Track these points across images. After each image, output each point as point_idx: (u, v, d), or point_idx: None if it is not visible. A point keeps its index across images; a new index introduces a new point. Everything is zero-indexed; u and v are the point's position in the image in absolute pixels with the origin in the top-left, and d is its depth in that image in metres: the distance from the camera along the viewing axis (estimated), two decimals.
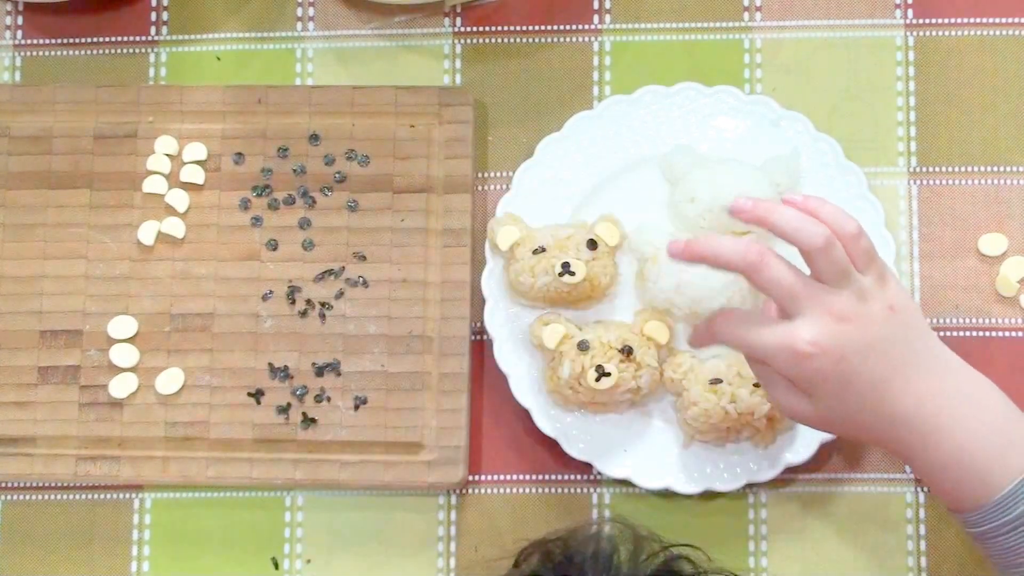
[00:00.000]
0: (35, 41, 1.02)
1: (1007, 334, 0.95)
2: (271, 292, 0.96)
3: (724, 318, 0.78)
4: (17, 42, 1.02)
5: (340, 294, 0.95)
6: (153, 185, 0.97)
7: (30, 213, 0.97)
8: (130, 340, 0.96)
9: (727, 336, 0.78)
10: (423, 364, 0.94)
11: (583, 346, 0.89)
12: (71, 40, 1.01)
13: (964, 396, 0.77)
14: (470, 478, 0.95)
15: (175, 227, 0.96)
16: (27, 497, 0.97)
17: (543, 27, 0.99)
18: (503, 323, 0.93)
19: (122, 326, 0.96)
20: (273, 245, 0.96)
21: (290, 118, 0.98)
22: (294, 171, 0.97)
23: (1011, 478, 0.75)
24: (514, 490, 0.95)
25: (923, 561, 0.93)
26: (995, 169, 0.96)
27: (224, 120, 0.98)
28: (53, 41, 1.01)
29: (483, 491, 0.95)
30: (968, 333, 0.95)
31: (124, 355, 0.95)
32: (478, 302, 0.94)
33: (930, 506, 0.94)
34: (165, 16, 1.01)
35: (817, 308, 0.75)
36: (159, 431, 0.95)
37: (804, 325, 0.75)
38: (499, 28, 0.99)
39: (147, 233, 0.96)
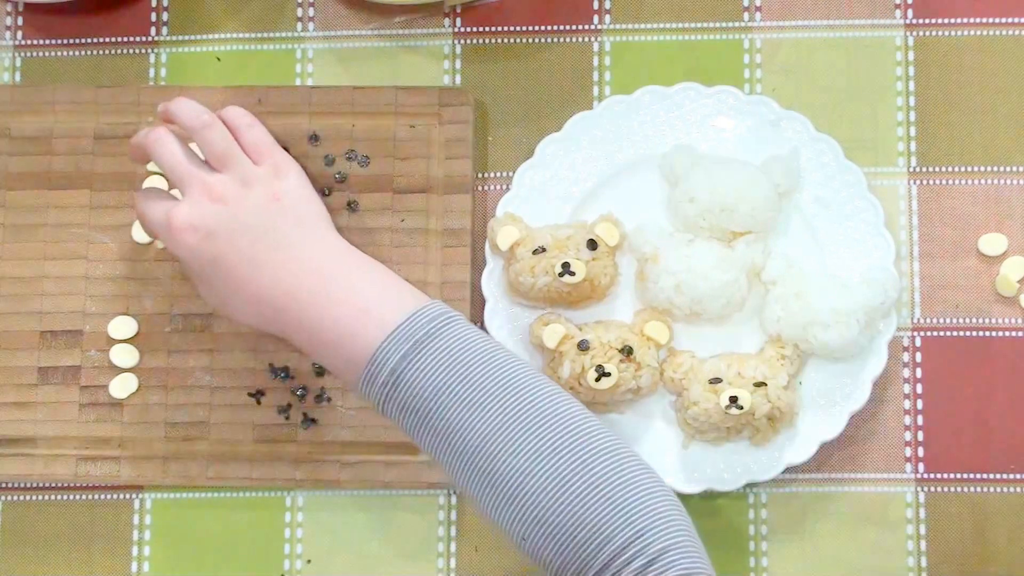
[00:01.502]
0: (35, 41, 1.02)
1: (1007, 334, 0.95)
2: None
3: (145, 192, 0.87)
4: (17, 42, 1.02)
5: None
6: (153, 185, 0.97)
7: (30, 213, 0.97)
8: (130, 340, 0.96)
9: (137, 206, 0.86)
10: None
11: (583, 346, 0.89)
12: (71, 41, 1.01)
13: (320, 272, 0.81)
14: None
15: None
16: (27, 498, 0.97)
17: (543, 27, 0.99)
18: (503, 323, 0.93)
19: (122, 326, 0.96)
20: None
21: (290, 118, 0.98)
22: None
23: (375, 342, 0.77)
24: None
25: (923, 561, 0.93)
26: (995, 169, 0.96)
27: None
28: (53, 42, 1.01)
29: None
30: (968, 333, 0.95)
31: (124, 355, 0.95)
32: (478, 302, 0.94)
33: (930, 506, 0.94)
34: (165, 16, 1.01)
35: (197, 188, 0.82)
36: (159, 431, 0.95)
37: (182, 203, 0.82)
38: (499, 28, 0.99)
39: (141, 231, 0.96)
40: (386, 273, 0.83)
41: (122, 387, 0.95)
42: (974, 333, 0.95)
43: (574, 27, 0.99)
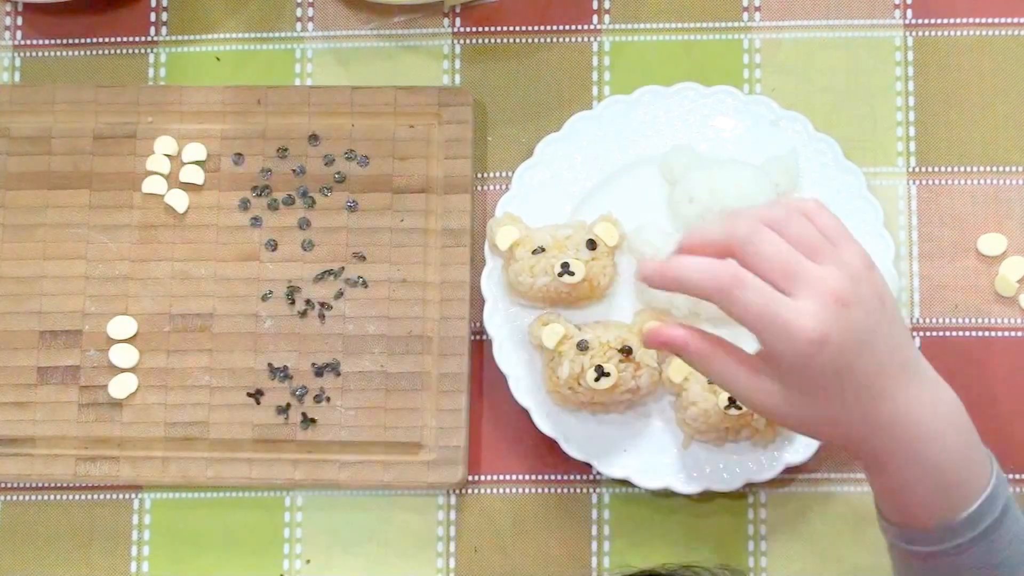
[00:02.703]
0: (35, 41, 1.02)
1: (1006, 334, 0.95)
2: (271, 292, 0.96)
3: (726, 272, 0.69)
4: (17, 42, 1.02)
5: (340, 294, 0.95)
6: (152, 185, 0.97)
7: (30, 213, 0.97)
8: (130, 340, 0.96)
9: (726, 297, 0.69)
10: (422, 364, 0.94)
11: (582, 346, 0.89)
12: (70, 40, 1.01)
13: (943, 409, 0.72)
14: (469, 478, 0.95)
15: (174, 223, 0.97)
16: (27, 498, 0.97)
17: (542, 27, 0.99)
18: (502, 323, 0.93)
19: (122, 326, 0.96)
20: (273, 245, 0.96)
21: (289, 118, 0.98)
22: (294, 171, 0.97)
23: (973, 499, 0.72)
24: (513, 490, 0.95)
25: None
26: (994, 169, 0.96)
27: (223, 120, 0.98)
28: (52, 41, 1.01)
29: (482, 491, 0.95)
30: (967, 333, 0.95)
31: (124, 355, 0.95)
32: (477, 302, 0.94)
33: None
34: (164, 16, 1.01)
35: (814, 286, 0.68)
36: (159, 431, 0.95)
37: (808, 305, 0.67)
38: (498, 28, 0.99)
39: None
40: (964, 420, 0.73)
41: (121, 387, 0.95)
42: (973, 333, 0.95)
43: (574, 27, 0.99)
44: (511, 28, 0.99)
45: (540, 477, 0.95)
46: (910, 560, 0.75)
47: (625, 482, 0.92)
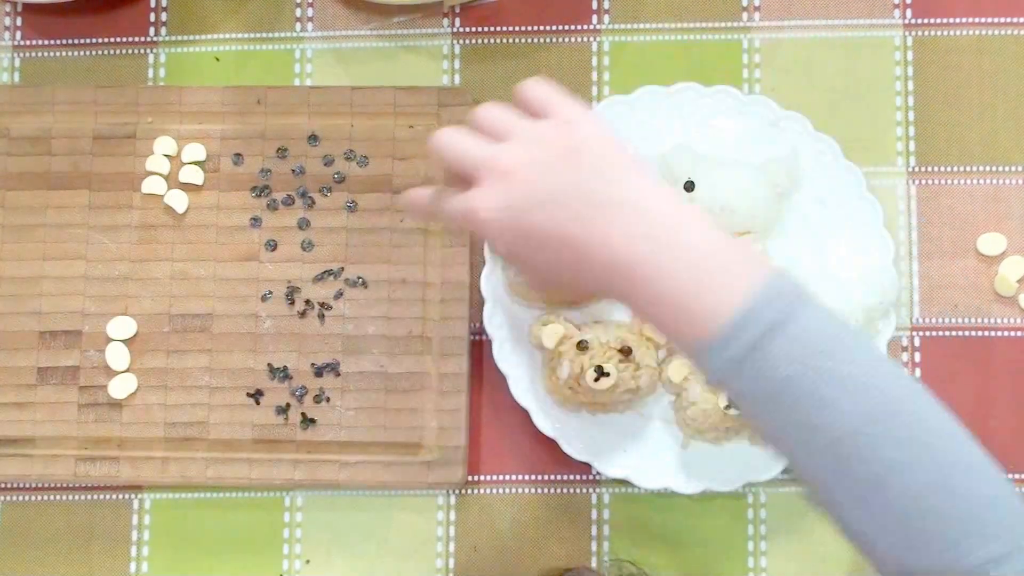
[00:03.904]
0: (34, 42, 1.02)
1: (1006, 334, 0.95)
2: (270, 293, 0.96)
3: (437, 191, 0.76)
4: (16, 43, 1.02)
5: (339, 294, 0.95)
6: (152, 186, 0.97)
7: (29, 214, 0.97)
8: (129, 341, 0.96)
9: (424, 210, 0.77)
10: (422, 364, 0.94)
11: (582, 346, 0.89)
12: (70, 41, 1.01)
13: (656, 236, 0.69)
14: (469, 478, 0.95)
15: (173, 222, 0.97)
16: (26, 498, 0.97)
17: (542, 27, 0.99)
18: (502, 323, 0.93)
19: (121, 327, 0.96)
20: (272, 246, 0.96)
21: (289, 119, 0.98)
22: (293, 172, 0.97)
23: (725, 315, 0.66)
24: (513, 490, 0.95)
25: None
26: (994, 169, 0.96)
27: (223, 121, 0.98)
28: (52, 42, 1.01)
29: (482, 491, 0.95)
30: (967, 333, 0.95)
31: (123, 356, 0.95)
32: (477, 302, 0.94)
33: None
34: (164, 17, 1.01)
35: (484, 172, 0.72)
36: (158, 432, 0.95)
37: (477, 193, 0.72)
38: (498, 28, 0.99)
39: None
40: (719, 227, 0.70)
41: (121, 387, 0.95)
42: (973, 333, 0.95)
43: (573, 27, 0.99)
44: (511, 28, 0.99)
45: (540, 477, 0.95)
46: (732, 397, 0.71)
47: (625, 482, 0.92)
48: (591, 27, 0.99)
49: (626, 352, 0.89)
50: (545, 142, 0.72)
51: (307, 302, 0.95)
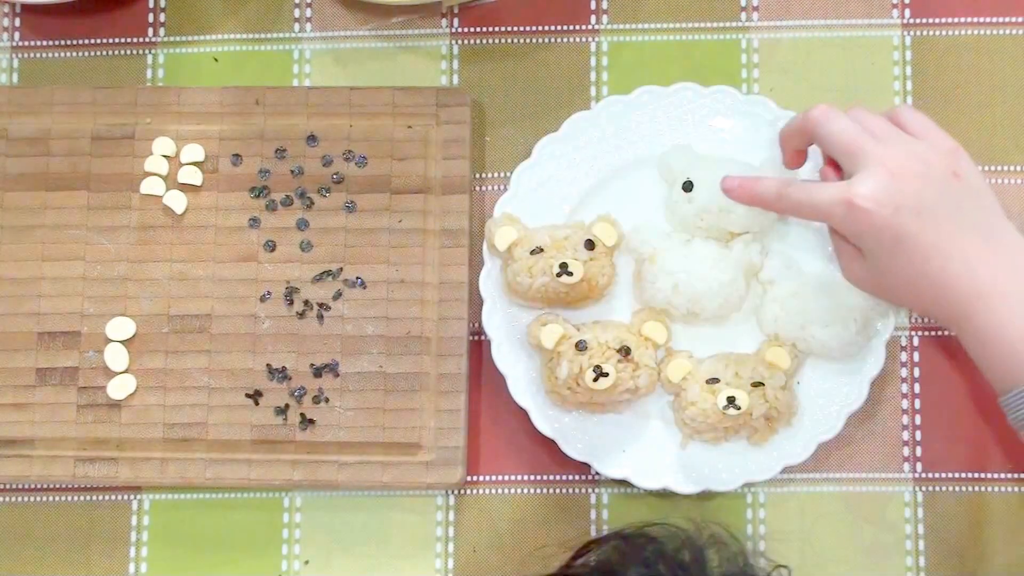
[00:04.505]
0: (33, 43, 1.02)
1: None
2: (269, 293, 0.96)
3: (779, 183, 0.81)
4: (15, 44, 1.02)
5: (338, 295, 0.95)
6: (151, 186, 0.97)
7: (28, 215, 0.97)
8: (128, 341, 0.96)
9: (782, 201, 0.80)
10: (421, 365, 0.94)
11: (581, 346, 0.89)
12: (69, 42, 1.01)
13: (1015, 269, 0.76)
14: (468, 478, 0.95)
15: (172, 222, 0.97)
16: (26, 499, 0.97)
17: (540, 28, 0.99)
18: (501, 323, 0.93)
19: (120, 328, 0.96)
20: (271, 246, 0.96)
21: (288, 119, 0.98)
22: (292, 172, 0.97)
23: None
24: (512, 490, 0.95)
25: (921, 561, 0.93)
26: (992, 168, 0.96)
27: (222, 121, 0.98)
28: (51, 43, 1.01)
29: (481, 491, 0.95)
30: None
31: (122, 357, 0.95)
32: (476, 303, 0.94)
33: (928, 505, 0.94)
34: (163, 17, 1.01)
35: (875, 163, 0.77)
36: (157, 432, 0.95)
37: (859, 180, 0.76)
38: (496, 29, 0.99)
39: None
40: None
41: (120, 388, 0.95)
42: None
43: (572, 27, 0.99)
44: (509, 28, 0.99)
45: (539, 477, 0.95)
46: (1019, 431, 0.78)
47: (624, 482, 0.92)
48: (590, 27, 0.99)
49: (625, 352, 0.89)
50: (928, 161, 0.78)
51: (306, 303, 0.95)
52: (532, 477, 0.95)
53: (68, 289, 0.96)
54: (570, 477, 0.95)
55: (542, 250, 0.90)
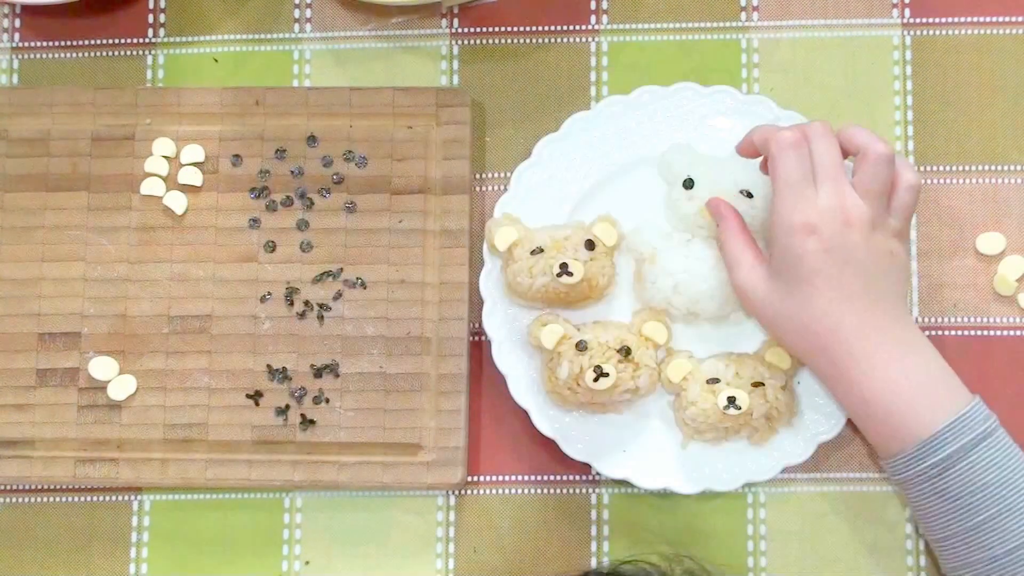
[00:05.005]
0: (33, 44, 1.02)
1: (1005, 333, 0.95)
2: (269, 294, 0.96)
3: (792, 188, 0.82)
4: (15, 45, 1.02)
5: (338, 295, 0.95)
6: (151, 187, 0.97)
7: (28, 215, 0.97)
8: (128, 342, 0.95)
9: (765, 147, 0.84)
10: (421, 365, 0.94)
11: (581, 346, 0.89)
12: (69, 42, 1.01)
13: (907, 344, 0.81)
14: (469, 479, 0.95)
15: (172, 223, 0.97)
16: (26, 500, 0.97)
17: (540, 28, 0.99)
18: (501, 324, 0.93)
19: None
20: (271, 247, 0.96)
21: (288, 119, 0.98)
22: (292, 173, 0.97)
23: (935, 425, 0.79)
24: (513, 491, 0.95)
25: (922, 561, 0.93)
26: (993, 168, 0.96)
27: (222, 122, 0.98)
28: (51, 43, 1.01)
29: (482, 492, 0.95)
30: (966, 332, 0.95)
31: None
32: (476, 303, 0.94)
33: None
34: (162, 18, 1.01)
35: (834, 198, 0.81)
36: (158, 433, 0.95)
37: (817, 202, 0.81)
38: (496, 29, 0.99)
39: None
40: (941, 358, 0.83)
41: (120, 389, 0.95)
42: (972, 332, 0.95)
43: (571, 27, 0.99)
44: (509, 29, 0.99)
45: (539, 478, 0.95)
46: (901, 488, 0.82)
47: (624, 482, 0.92)
48: (590, 27, 0.99)
49: (625, 352, 0.89)
50: (883, 230, 0.82)
51: (306, 303, 0.95)
52: (532, 477, 0.95)
53: (68, 290, 0.96)
54: (570, 477, 0.95)
55: (542, 250, 0.90)
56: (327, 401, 0.94)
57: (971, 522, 0.79)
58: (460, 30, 1.00)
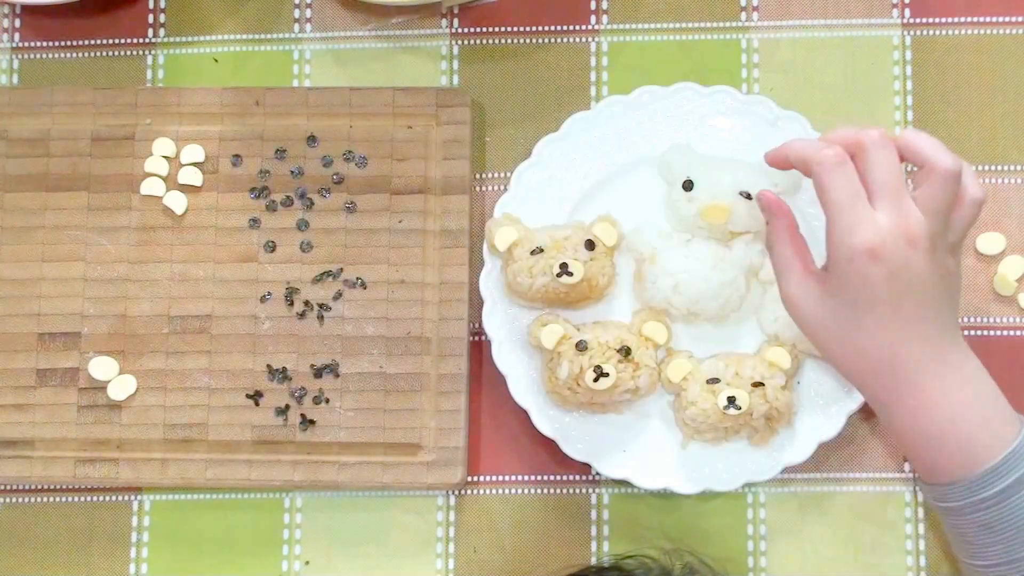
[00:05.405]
0: (33, 43, 1.02)
1: (1005, 333, 0.95)
2: (269, 294, 0.96)
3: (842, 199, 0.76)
4: (15, 45, 1.02)
5: (338, 295, 0.95)
6: (151, 187, 0.97)
7: (28, 216, 0.97)
8: (128, 342, 0.95)
9: (830, 182, 0.76)
10: (421, 365, 0.94)
11: (581, 346, 0.89)
12: (69, 42, 1.01)
13: (964, 371, 0.77)
14: (469, 479, 0.95)
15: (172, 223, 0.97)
16: (26, 500, 0.97)
17: (540, 28, 0.99)
18: (501, 324, 0.93)
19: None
20: (271, 247, 0.96)
21: (288, 120, 0.98)
22: (292, 173, 0.97)
23: (993, 456, 0.75)
24: (513, 491, 0.95)
25: (922, 561, 0.93)
26: (992, 168, 0.96)
27: (222, 122, 0.98)
28: (51, 43, 1.01)
29: (482, 492, 0.95)
30: (966, 332, 0.95)
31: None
32: (476, 303, 0.94)
33: (928, 505, 0.94)
34: (162, 18, 1.01)
35: (897, 216, 0.75)
36: (158, 433, 0.95)
37: (880, 222, 0.74)
38: (496, 29, 0.99)
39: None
40: (993, 383, 0.79)
41: (120, 389, 0.95)
42: (972, 332, 0.95)
43: (571, 27, 0.99)
44: (509, 28, 0.99)
45: (539, 478, 0.95)
46: (942, 517, 0.79)
47: (624, 482, 0.92)
48: (590, 27, 0.99)
49: (625, 352, 0.89)
50: (941, 249, 0.77)
51: (306, 303, 0.95)
52: (532, 477, 0.95)
53: (68, 290, 0.96)
54: (570, 477, 0.95)
55: (542, 250, 0.90)
56: (327, 401, 0.94)
57: (1014, 555, 0.76)
58: (460, 30, 1.00)
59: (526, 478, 0.95)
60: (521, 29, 0.99)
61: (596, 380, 0.88)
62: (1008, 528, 0.76)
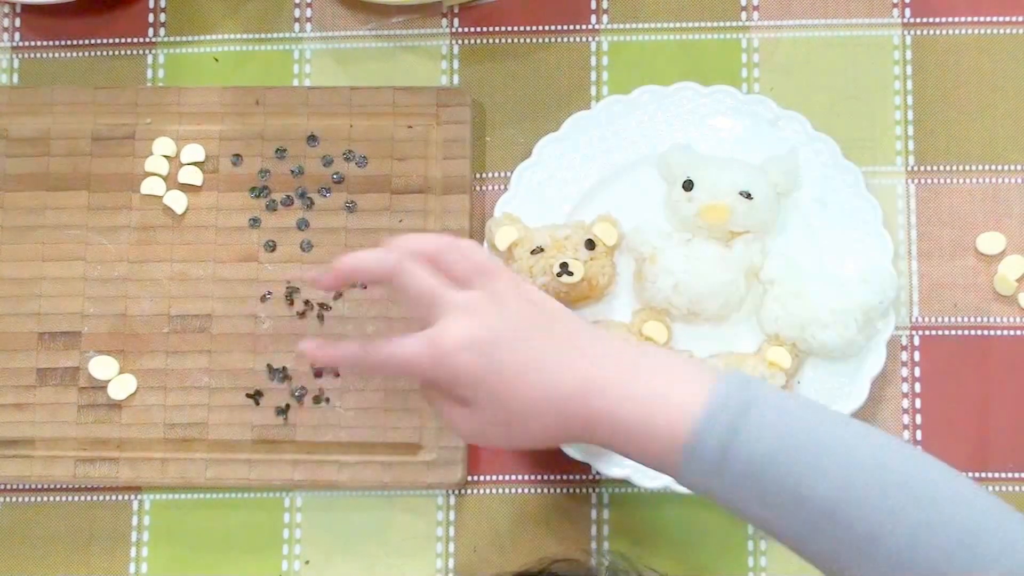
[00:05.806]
0: (33, 43, 1.02)
1: (1006, 333, 0.95)
2: (270, 293, 0.96)
3: (359, 343, 0.78)
4: (15, 44, 1.02)
5: (338, 295, 0.95)
6: (151, 187, 0.97)
7: (28, 215, 0.97)
8: (128, 342, 0.95)
9: (368, 358, 0.77)
10: None
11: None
12: (69, 42, 1.01)
13: (618, 355, 0.75)
14: (469, 478, 0.95)
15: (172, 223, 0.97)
16: (26, 499, 0.97)
17: (540, 27, 0.99)
18: None
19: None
20: (271, 246, 0.96)
21: (288, 119, 0.98)
22: (292, 172, 0.97)
23: (698, 408, 0.71)
24: (513, 490, 0.95)
25: None
26: (993, 168, 0.96)
27: (222, 121, 0.98)
28: (51, 43, 1.01)
29: (482, 491, 0.95)
30: (966, 332, 0.95)
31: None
32: None
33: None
34: (163, 18, 1.01)
35: (454, 308, 0.75)
36: (158, 432, 0.95)
37: (444, 324, 0.74)
38: (497, 28, 0.99)
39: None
40: (666, 350, 0.77)
41: (120, 388, 0.95)
42: (973, 332, 0.95)
43: (572, 27, 0.99)
44: (509, 28, 0.99)
45: (540, 477, 0.95)
46: (730, 509, 0.76)
47: (625, 482, 0.92)
48: (590, 27, 0.99)
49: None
50: (504, 296, 0.76)
51: (306, 303, 0.95)
52: (533, 477, 0.95)
53: (68, 289, 0.96)
54: (570, 477, 0.95)
55: (542, 250, 0.90)
56: (327, 401, 0.94)
57: (775, 499, 0.71)
58: (460, 30, 1.00)
59: (526, 478, 0.95)
60: (521, 29, 0.99)
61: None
62: (766, 486, 0.71)
